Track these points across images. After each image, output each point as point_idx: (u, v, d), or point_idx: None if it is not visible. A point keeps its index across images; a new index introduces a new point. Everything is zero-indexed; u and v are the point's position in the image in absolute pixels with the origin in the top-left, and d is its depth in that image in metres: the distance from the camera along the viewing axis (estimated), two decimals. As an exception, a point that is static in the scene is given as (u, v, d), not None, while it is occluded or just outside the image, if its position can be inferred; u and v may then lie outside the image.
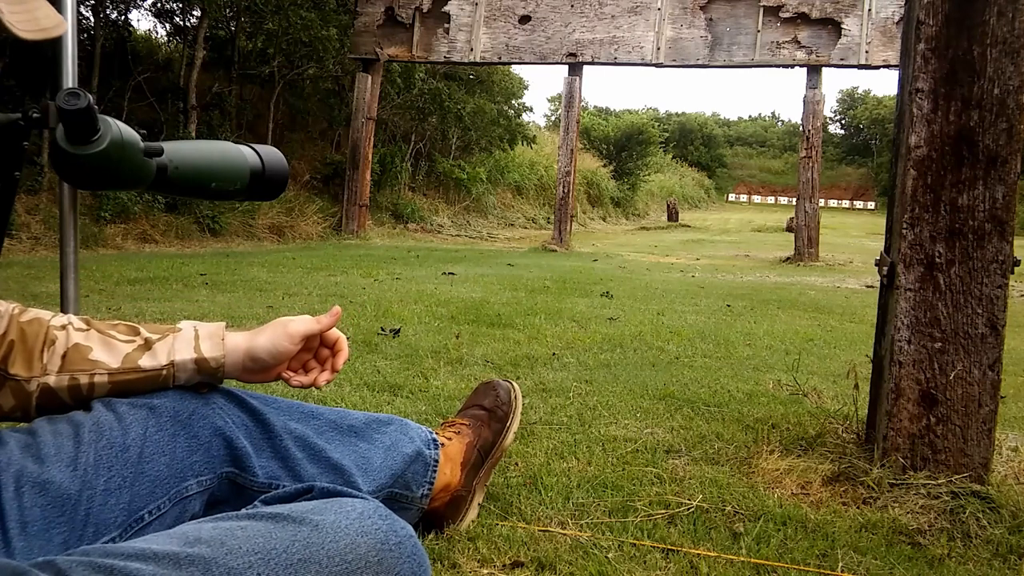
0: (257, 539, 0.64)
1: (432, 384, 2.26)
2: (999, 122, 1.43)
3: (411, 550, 0.70)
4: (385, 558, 0.68)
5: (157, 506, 0.86)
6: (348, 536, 0.67)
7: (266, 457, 0.98)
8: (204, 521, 0.69)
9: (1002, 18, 1.42)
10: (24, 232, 7.39)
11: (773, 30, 10.35)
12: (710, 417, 2.02)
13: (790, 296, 5.71)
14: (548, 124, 35.08)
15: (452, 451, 1.25)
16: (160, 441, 0.88)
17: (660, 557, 1.19)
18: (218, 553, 0.61)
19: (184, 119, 10.42)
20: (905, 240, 1.49)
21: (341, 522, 0.68)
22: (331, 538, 0.66)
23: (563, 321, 3.70)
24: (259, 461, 0.97)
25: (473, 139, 16.86)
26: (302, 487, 0.79)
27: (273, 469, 0.98)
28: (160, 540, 0.64)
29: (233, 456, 0.95)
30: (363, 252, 8.67)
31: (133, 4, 11.13)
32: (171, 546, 0.62)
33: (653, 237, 17.17)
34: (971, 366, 1.46)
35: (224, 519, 0.69)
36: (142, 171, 0.92)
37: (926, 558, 1.23)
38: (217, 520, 0.68)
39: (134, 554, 0.60)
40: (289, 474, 0.99)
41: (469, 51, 11.37)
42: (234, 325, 3.14)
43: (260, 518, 0.68)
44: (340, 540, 0.66)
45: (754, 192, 47.80)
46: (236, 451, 0.95)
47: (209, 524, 0.67)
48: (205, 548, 0.62)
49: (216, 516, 0.70)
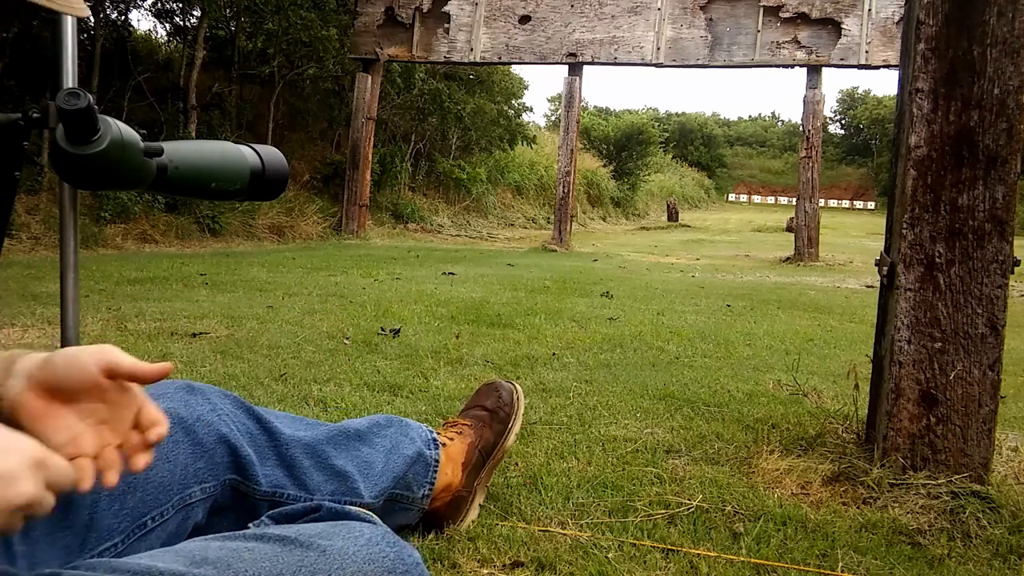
0: (263, 563, 0.63)
1: (432, 384, 2.26)
2: (999, 122, 1.43)
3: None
4: None
5: (160, 512, 0.85)
6: (355, 563, 0.66)
7: (271, 465, 0.98)
8: (211, 539, 0.69)
9: (1002, 18, 1.42)
10: (24, 232, 7.39)
11: (773, 30, 10.35)
12: (710, 417, 2.02)
13: (790, 296, 5.71)
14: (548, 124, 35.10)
15: (453, 451, 1.25)
16: (164, 447, 0.88)
17: (660, 557, 1.19)
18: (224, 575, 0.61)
19: (184, 119, 10.41)
20: (905, 240, 1.49)
21: (349, 548, 0.67)
22: (338, 565, 0.65)
23: (563, 321, 3.70)
24: (263, 469, 0.97)
25: (473, 139, 16.85)
26: (310, 505, 0.78)
27: (278, 477, 0.98)
28: (166, 558, 0.63)
29: (237, 464, 0.95)
30: (363, 252, 8.67)
31: (133, 4, 11.13)
32: (177, 565, 0.61)
33: (653, 237, 17.17)
34: (971, 366, 1.46)
35: (231, 539, 0.68)
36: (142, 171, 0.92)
37: (926, 558, 1.23)
38: (224, 539, 0.68)
39: (139, 571, 0.60)
40: (294, 482, 0.99)
41: (469, 51, 11.36)
42: (234, 325, 3.15)
43: (267, 540, 0.67)
44: (347, 567, 0.66)
45: (754, 192, 47.80)
46: (240, 459, 0.95)
47: (216, 543, 0.67)
48: (211, 570, 0.61)
49: (224, 535, 0.70)
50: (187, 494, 0.89)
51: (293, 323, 3.28)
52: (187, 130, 10.21)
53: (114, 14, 10.59)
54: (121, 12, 10.74)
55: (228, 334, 2.97)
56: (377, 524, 0.73)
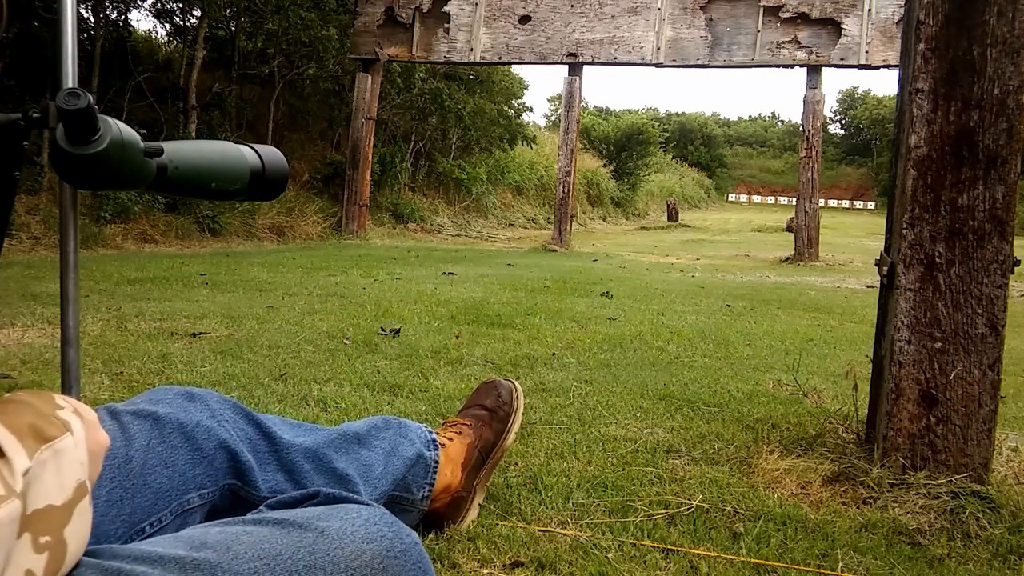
0: (263, 544, 0.64)
1: (432, 384, 2.26)
2: (999, 122, 1.43)
3: (416, 557, 0.70)
4: (390, 565, 0.68)
5: (159, 518, 0.85)
6: (354, 543, 0.67)
7: (271, 470, 0.98)
8: (211, 525, 0.69)
9: (1002, 18, 1.42)
10: (24, 232, 7.39)
11: (773, 30, 10.35)
12: (710, 417, 2.02)
13: (790, 296, 5.71)
14: (548, 124, 35.10)
15: (453, 452, 1.25)
16: (163, 453, 0.88)
17: (660, 557, 1.19)
18: (224, 558, 0.62)
19: (184, 119, 10.41)
20: (905, 240, 1.49)
21: (347, 528, 0.68)
22: (336, 544, 0.66)
23: (563, 321, 3.70)
24: (263, 475, 0.97)
25: (473, 139, 16.85)
26: (308, 492, 0.79)
27: (278, 482, 0.98)
28: (166, 543, 0.64)
29: (236, 469, 0.95)
30: (363, 252, 8.67)
31: (133, 4, 11.13)
32: (177, 550, 0.62)
33: (653, 237, 17.17)
34: (971, 366, 1.46)
35: (230, 524, 0.69)
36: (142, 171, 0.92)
37: (926, 558, 1.23)
38: (223, 525, 0.69)
39: (140, 557, 0.60)
40: (295, 487, 0.99)
41: (469, 51, 11.36)
42: (234, 325, 3.15)
43: (266, 523, 0.68)
44: (345, 547, 0.66)
45: (754, 192, 47.80)
46: (240, 464, 0.95)
47: (216, 528, 0.67)
48: (211, 553, 0.62)
49: (222, 521, 0.70)
50: (185, 500, 0.89)
51: (293, 323, 3.28)
52: (187, 130, 10.21)
53: (114, 14, 10.59)
54: (121, 12, 10.74)
55: (228, 334, 2.97)
56: (374, 507, 0.74)
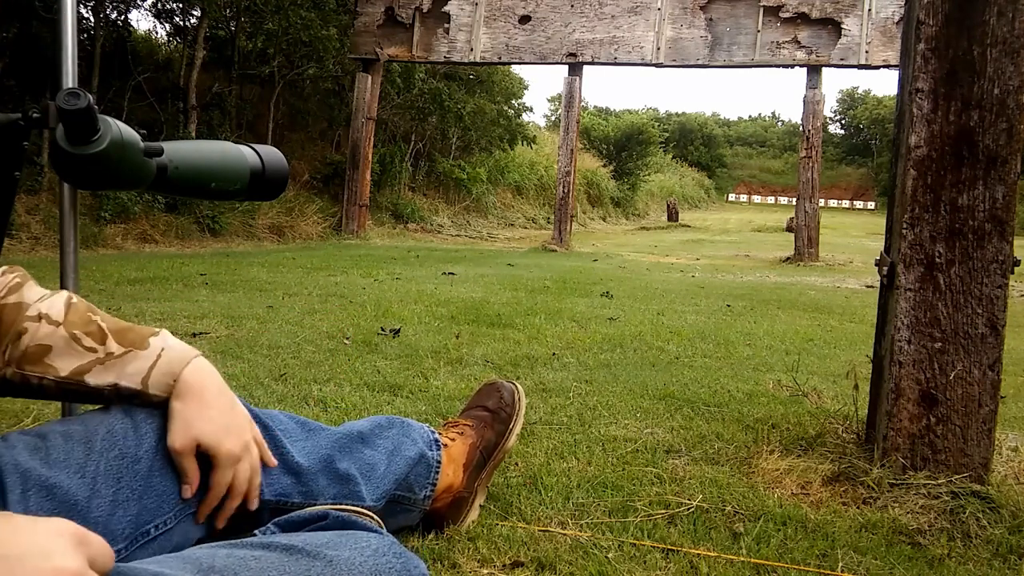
0: (270, 572, 0.64)
1: (432, 384, 2.26)
2: (999, 122, 1.43)
3: None
4: None
5: (164, 521, 0.85)
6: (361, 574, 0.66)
7: (276, 472, 0.97)
8: (218, 547, 0.68)
9: (1002, 18, 1.42)
10: (24, 232, 7.39)
11: (773, 30, 10.35)
12: (710, 417, 2.02)
13: (790, 296, 5.71)
14: (548, 124, 35.08)
15: (455, 452, 1.25)
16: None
17: (660, 557, 1.19)
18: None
19: (184, 119, 10.41)
20: (905, 240, 1.49)
21: (355, 559, 0.67)
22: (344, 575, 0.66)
23: (563, 321, 3.70)
24: (268, 477, 0.96)
25: (473, 139, 16.85)
26: (316, 512, 0.78)
27: (283, 484, 0.97)
28: (173, 564, 0.63)
29: None
30: (363, 252, 8.67)
31: (133, 4, 11.13)
32: (184, 573, 0.61)
33: (653, 237, 17.17)
34: (971, 366, 1.46)
35: (238, 547, 0.68)
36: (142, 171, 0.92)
37: (926, 558, 1.23)
38: (231, 547, 0.68)
39: None
40: (299, 488, 0.98)
41: (469, 51, 11.36)
42: (234, 325, 3.15)
43: (274, 548, 0.67)
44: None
45: (754, 192, 47.79)
46: None
47: (223, 551, 0.67)
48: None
49: (230, 543, 0.70)
50: (190, 503, 0.88)
51: (293, 323, 3.28)
52: (187, 130, 10.21)
53: (114, 14, 10.59)
54: (121, 12, 10.74)
55: (228, 334, 2.97)
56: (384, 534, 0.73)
